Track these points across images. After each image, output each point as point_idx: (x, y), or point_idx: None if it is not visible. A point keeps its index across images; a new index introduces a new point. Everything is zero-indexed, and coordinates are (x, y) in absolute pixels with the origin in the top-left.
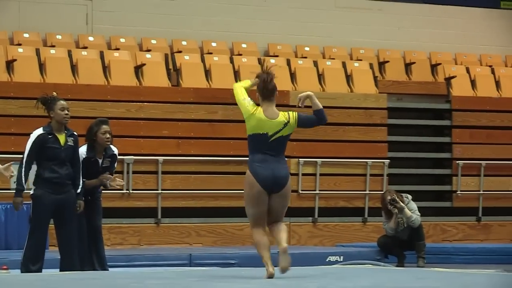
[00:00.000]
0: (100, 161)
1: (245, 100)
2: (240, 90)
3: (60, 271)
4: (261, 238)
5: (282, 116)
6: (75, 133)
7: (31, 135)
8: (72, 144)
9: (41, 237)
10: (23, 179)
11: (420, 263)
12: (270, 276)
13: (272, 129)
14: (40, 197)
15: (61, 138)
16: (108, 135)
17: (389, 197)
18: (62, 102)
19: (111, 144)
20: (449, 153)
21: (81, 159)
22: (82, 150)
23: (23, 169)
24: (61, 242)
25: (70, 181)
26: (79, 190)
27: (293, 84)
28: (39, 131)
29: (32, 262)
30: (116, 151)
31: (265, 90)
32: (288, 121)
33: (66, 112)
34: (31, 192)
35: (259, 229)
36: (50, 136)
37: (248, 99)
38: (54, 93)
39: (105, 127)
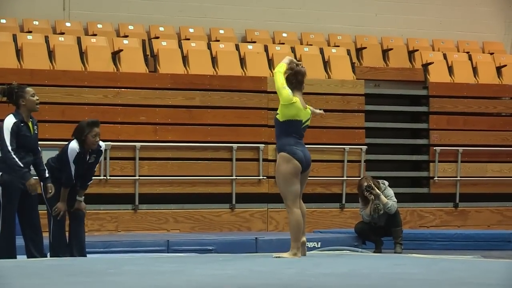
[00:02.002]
0: (88, 157)
1: (285, 88)
2: (282, 77)
3: (28, 257)
4: (300, 221)
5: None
6: (36, 120)
7: (5, 123)
8: (37, 132)
9: (13, 223)
10: (19, 163)
11: (398, 249)
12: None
13: (305, 117)
14: (10, 183)
15: (30, 126)
16: (98, 138)
17: (365, 184)
18: (30, 88)
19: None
20: (426, 139)
21: (74, 153)
22: (75, 145)
23: (14, 156)
24: (25, 228)
25: (31, 167)
26: (47, 175)
27: (271, 70)
28: (12, 119)
29: (7, 248)
30: (103, 146)
31: (299, 82)
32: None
33: (37, 97)
34: None
35: (298, 209)
36: (22, 124)
37: (287, 87)
38: (14, 82)
39: (96, 130)
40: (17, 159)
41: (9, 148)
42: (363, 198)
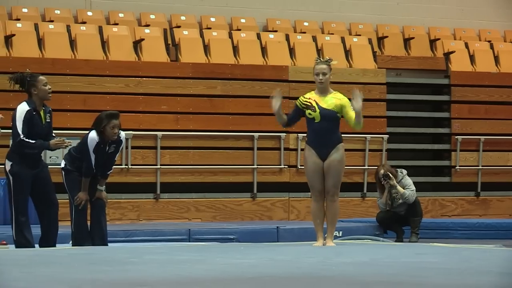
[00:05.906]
0: (107, 147)
1: None
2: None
3: (40, 247)
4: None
5: None
6: (50, 108)
7: (18, 111)
8: (49, 120)
9: (27, 212)
10: (31, 141)
11: (413, 238)
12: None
13: None
14: (20, 172)
15: (42, 115)
16: (116, 130)
17: (382, 171)
18: (42, 77)
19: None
20: (448, 128)
21: (94, 143)
22: (94, 135)
23: (26, 139)
24: (43, 217)
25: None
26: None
27: (292, 59)
28: (25, 107)
29: (24, 236)
30: (123, 137)
31: None
32: None
33: (49, 86)
34: (8, 168)
35: None
36: (34, 113)
37: None
38: (28, 70)
39: (114, 122)
40: (28, 140)
41: (21, 135)
42: (380, 186)
